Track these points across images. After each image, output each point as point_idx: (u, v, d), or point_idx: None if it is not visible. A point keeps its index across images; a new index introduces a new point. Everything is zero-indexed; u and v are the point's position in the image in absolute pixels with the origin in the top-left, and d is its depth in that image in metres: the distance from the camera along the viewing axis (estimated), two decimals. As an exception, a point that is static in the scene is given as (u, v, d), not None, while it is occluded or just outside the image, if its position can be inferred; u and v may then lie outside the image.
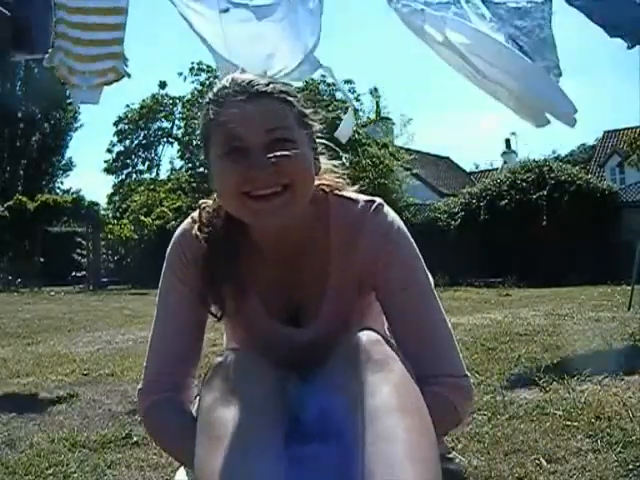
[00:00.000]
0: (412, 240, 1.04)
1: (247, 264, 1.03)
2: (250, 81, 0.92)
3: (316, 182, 1.00)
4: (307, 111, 0.98)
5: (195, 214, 1.06)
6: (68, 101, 27.10)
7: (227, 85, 0.93)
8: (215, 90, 0.95)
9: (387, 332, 1.15)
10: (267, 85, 0.92)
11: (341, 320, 1.07)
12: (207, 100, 0.95)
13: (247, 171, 0.88)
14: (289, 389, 0.98)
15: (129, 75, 2.89)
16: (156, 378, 1.03)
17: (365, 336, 0.94)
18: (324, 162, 1.05)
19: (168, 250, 1.07)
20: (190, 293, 1.03)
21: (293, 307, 1.06)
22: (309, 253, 1.03)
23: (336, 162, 1.07)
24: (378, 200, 1.03)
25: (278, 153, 0.88)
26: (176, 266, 1.05)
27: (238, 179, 0.89)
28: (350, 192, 1.06)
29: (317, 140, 1.02)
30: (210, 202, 1.05)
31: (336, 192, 1.04)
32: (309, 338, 1.05)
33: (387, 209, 1.03)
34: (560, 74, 3.04)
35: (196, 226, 1.03)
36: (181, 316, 1.04)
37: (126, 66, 2.87)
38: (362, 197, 1.04)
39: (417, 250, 1.04)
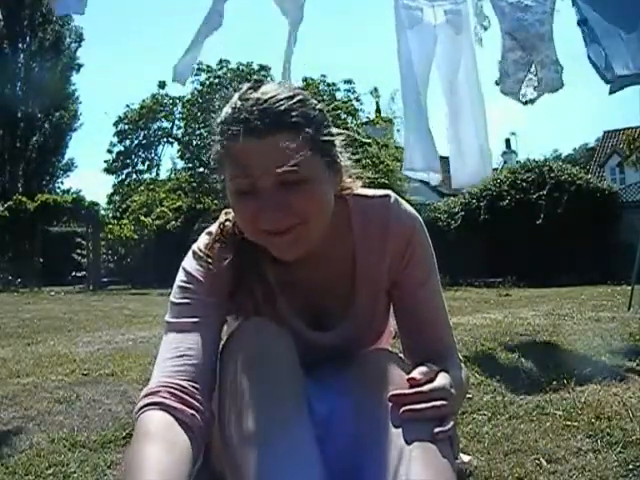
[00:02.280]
0: (426, 230, 1.06)
1: (273, 268, 1.02)
2: (263, 110, 0.85)
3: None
4: (326, 137, 0.92)
5: (213, 227, 1.05)
6: (69, 100, 27.21)
7: (237, 109, 0.87)
8: (225, 114, 0.89)
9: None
10: (281, 115, 0.85)
11: (368, 322, 1.08)
12: (221, 120, 0.90)
13: (258, 212, 0.88)
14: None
15: None
16: (174, 384, 0.88)
17: (384, 358, 0.97)
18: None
19: (190, 262, 1.02)
20: (215, 300, 0.98)
21: (317, 310, 1.06)
22: (333, 256, 1.03)
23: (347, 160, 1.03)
24: (393, 194, 1.04)
25: (289, 194, 0.87)
26: (200, 274, 0.99)
27: (252, 218, 0.89)
28: (362, 189, 1.05)
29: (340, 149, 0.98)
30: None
31: (351, 192, 1.03)
32: (333, 341, 1.06)
33: (403, 203, 1.04)
34: (561, 69, 3.05)
35: (219, 234, 1.02)
36: (205, 324, 0.96)
37: None
38: (375, 192, 1.04)
39: (429, 241, 1.06)
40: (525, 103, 3.13)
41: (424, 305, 1.05)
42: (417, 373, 0.90)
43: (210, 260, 0.99)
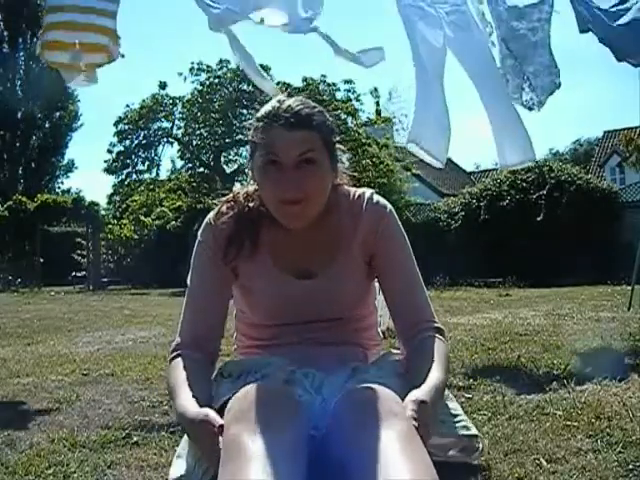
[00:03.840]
0: (397, 217, 1.34)
1: (267, 231, 1.28)
2: (293, 111, 1.17)
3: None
4: (333, 142, 1.25)
5: (228, 197, 1.32)
6: (69, 99, 27.21)
7: (275, 109, 1.19)
8: (265, 112, 1.21)
9: (378, 318, 1.47)
10: (307, 117, 1.17)
11: (347, 280, 1.30)
12: (258, 117, 1.22)
13: (280, 182, 1.17)
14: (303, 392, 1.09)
15: (122, 55, 2.78)
16: (190, 338, 1.26)
17: (379, 390, 1.04)
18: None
19: (202, 227, 1.31)
20: (220, 261, 1.26)
21: (303, 270, 1.29)
22: (323, 229, 1.29)
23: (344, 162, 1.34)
24: (370, 190, 1.36)
25: (302, 173, 1.16)
26: (209, 238, 1.28)
27: (275, 188, 1.18)
28: (350, 186, 1.37)
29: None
30: (247, 189, 1.31)
31: (343, 186, 1.35)
32: (316, 288, 1.27)
33: (377, 196, 1.35)
34: (557, 71, 3.02)
35: (228, 205, 1.29)
36: (213, 283, 1.28)
37: (118, 45, 2.75)
38: (360, 189, 1.36)
39: (401, 225, 1.35)
40: (530, 109, 3.05)
41: (399, 262, 1.31)
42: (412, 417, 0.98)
43: (216, 221, 1.28)
